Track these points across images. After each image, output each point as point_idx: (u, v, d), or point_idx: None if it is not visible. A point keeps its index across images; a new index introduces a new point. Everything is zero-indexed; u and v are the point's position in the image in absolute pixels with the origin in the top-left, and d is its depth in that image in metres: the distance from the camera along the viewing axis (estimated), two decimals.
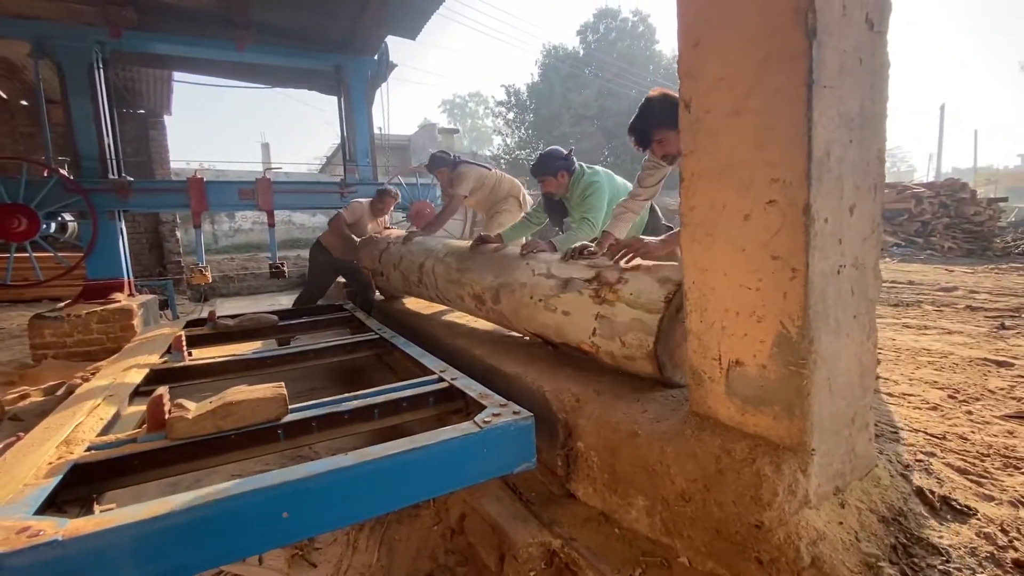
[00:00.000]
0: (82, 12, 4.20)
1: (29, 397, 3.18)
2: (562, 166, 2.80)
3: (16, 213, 3.77)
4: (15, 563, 0.96)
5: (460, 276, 2.67)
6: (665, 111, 1.90)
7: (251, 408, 1.48)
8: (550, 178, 2.82)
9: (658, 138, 1.98)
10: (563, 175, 2.81)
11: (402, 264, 3.44)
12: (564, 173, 2.81)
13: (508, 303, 2.24)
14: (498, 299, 2.31)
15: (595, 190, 2.74)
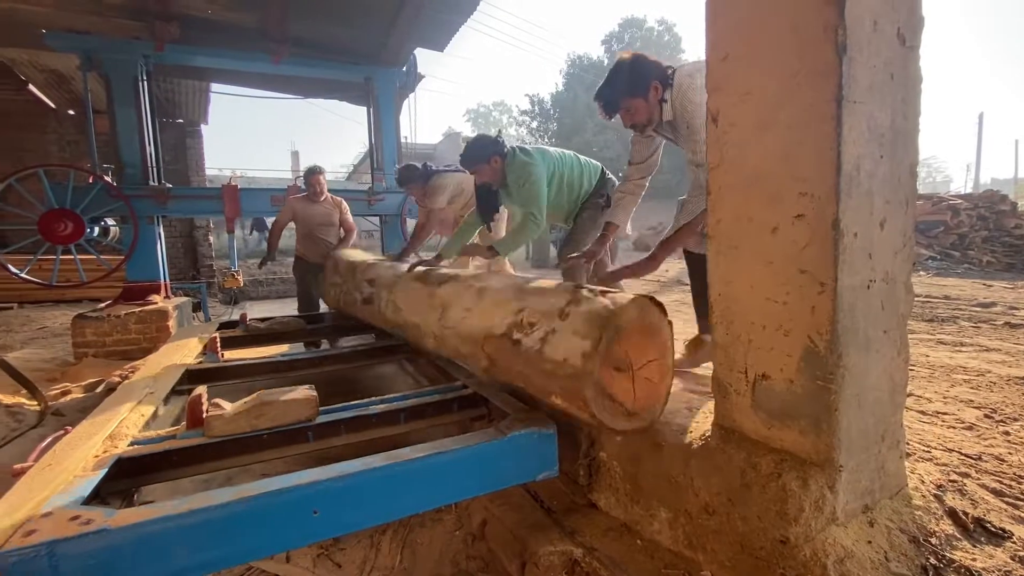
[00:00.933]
0: (129, 27, 4.42)
1: (70, 393, 3.33)
2: (493, 151, 2.58)
3: (63, 217, 3.97)
4: (67, 549, 1.02)
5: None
6: (634, 78, 1.87)
7: (283, 409, 1.53)
8: (483, 166, 2.61)
9: (624, 107, 1.92)
10: (496, 160, 2.59)
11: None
12: (496, 158, 2.58)
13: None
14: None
15: (528, 176, 2.52)
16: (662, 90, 1.88)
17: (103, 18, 4.33)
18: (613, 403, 1.36)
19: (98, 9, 4.21)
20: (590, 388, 1.31)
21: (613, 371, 1.35)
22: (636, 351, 1.39)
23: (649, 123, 1.97)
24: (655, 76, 1.87)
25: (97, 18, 4.31)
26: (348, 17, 4.58)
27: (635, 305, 1.38)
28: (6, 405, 2.97)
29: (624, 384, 1.38)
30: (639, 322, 1.39)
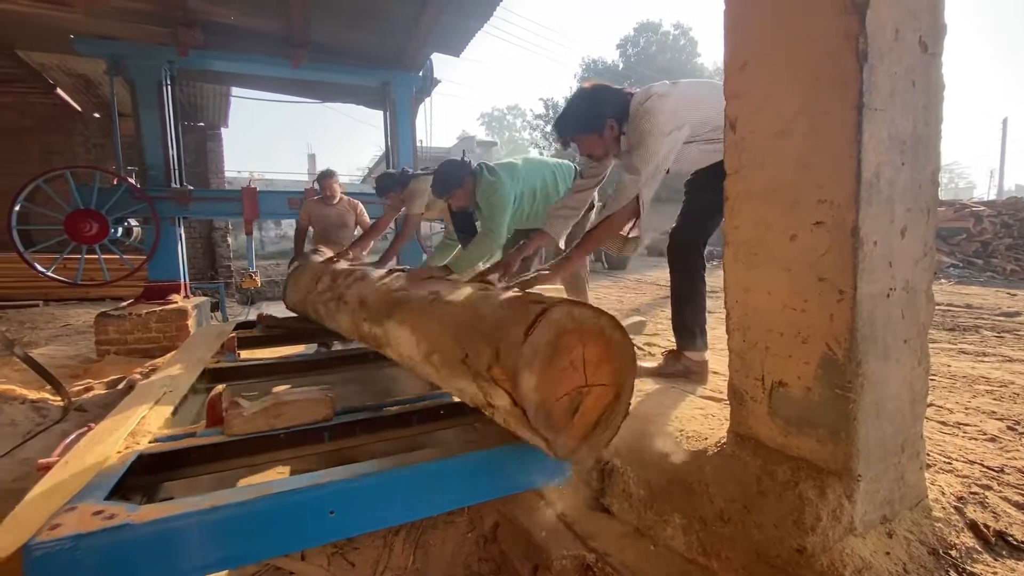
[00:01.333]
0: (155, 33, 4.54)
1: (93, 390, 3.41)
2: (464, 173, 2.62)
3: (89, 218, 4.07)
4: (91, 543, 1.04)
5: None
6: (590, 115, 1.84)
7: (301, 409, 1.55)
8: (458, 191, 2.63)
9: (577, 141, 1.92)
10: (468, 182, 2.62)
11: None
12: (468, 179, 2.62)
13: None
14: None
15: (493, 194, 2.54)
16: (618, 127, 1.86)
17: (130, 24, 4.44)
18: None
19: (125, 16, 4.32)
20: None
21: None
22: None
23: (606, 156, 1.98)
24: (612, 113, 1.83)
25: (124, 24, 4.43)
26: (368, 23, 4.64)
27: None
28: (31, 400, 3.05)
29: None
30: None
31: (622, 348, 1.24)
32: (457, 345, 1.36)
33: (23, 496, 1.72)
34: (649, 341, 2.98)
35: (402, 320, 1.71)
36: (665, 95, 1.79)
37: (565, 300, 1.20)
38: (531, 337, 1.11)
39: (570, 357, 1.18)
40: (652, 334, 3.53)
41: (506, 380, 1.15)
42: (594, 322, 1.19)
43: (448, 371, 1.42)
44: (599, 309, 1.22)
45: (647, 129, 1.73)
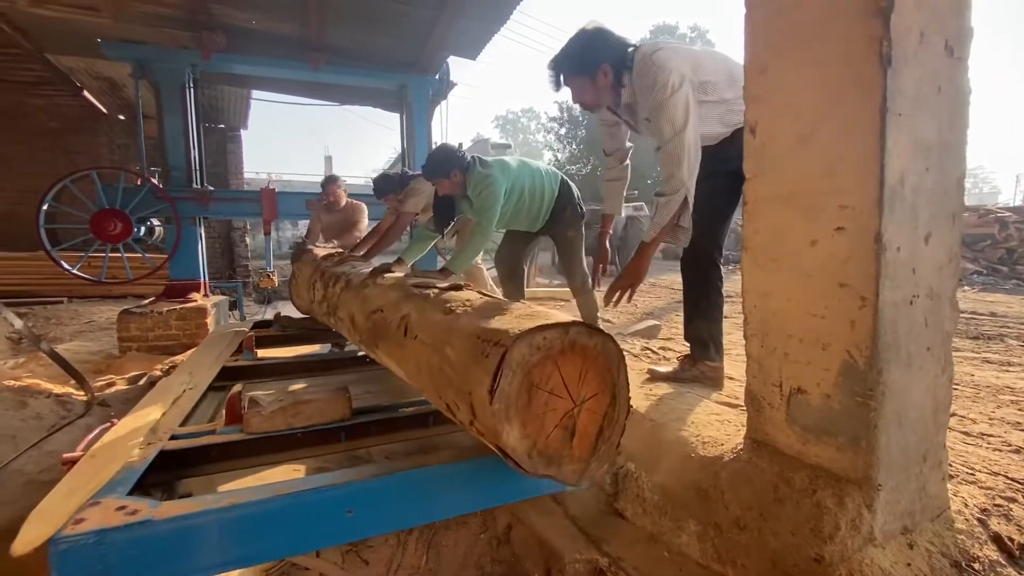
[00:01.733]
0: (179, 37, 4.63)
1: (115, 385, 3.49)
2: (455, 165, 2.64)
3: (113, 217, 4.17)
4: (114, 538, 1.06)
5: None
6: (583, 57, 1.77)
7: (319, 408, 1.57)
8: (443, 180, 2.67)
9: (569, 84, 1.83)
10: (456, 174, 2.64)
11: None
12: (457, 172, 2.64)
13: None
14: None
15: (486, 187, 2.57)
16: (613, 74, 1.77)
17: (155, 29, 4.54)
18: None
19: (151, 20, 4.42)
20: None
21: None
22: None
23: (598, 105, 1.89)
24: (608, 58, 1.75)
25: (150, 29, 4.53)
26: (385, 27, 4.69)
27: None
28: (56, 394, 3.13)
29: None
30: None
31: (602, 349, 1.13)
32: (437, 395, 1.29)
33: (50, 487, 1.77)
34: (664, 345, 2.96)
35: (387, 353, 1.65)
36: (676, 49, 1.72)
37: (526, 332, 1.05)
38: (498, 391, 1.01)
39: (548, 388, 1.08)
40: (666, 338, 3.50)
41: (489, 436, 1.09)
42: (561, 340, 1.08)
43: (441, 409, 1.36)
44: (564, 322, 1.10)
45: (673, 116, 1.63)
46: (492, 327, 1.11)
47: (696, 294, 1.94)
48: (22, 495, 1.95)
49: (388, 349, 1.62)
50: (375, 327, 1.73)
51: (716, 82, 1.74)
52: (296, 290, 3.16)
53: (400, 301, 1.62)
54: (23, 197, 7.35)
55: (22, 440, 2.45)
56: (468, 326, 1.20)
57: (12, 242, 7.09)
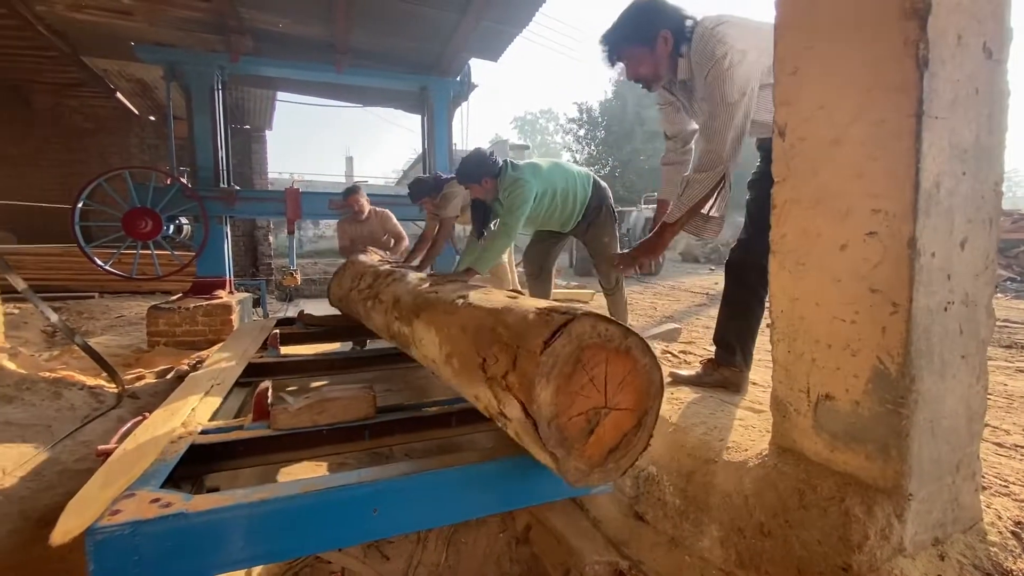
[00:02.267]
0: (209, 40, 4.75)
1: (144, 378, 3.59)
2: (484, 172, 2.64)
3: (144, 215, 4.29)
4: (148, 530, 1.08)
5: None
6: (640, 24, 1.65)
7: (344, 406, 1.60)
8: (475, 186, 2.69)
9: (626, 56, 1.70)
10: (487, 181, 2.66)
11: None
12: (488, 179, 2.66)
13: None
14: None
15: (517, 188, 2.57)
16: (673, 42, 1.64)
17: (186, 32, 4.67)
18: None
19: (182, 24, 4.55)
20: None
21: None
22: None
23: (657, 79, 1.75)
24: (668, 25, 1.64)
25: (181, 32, 4.66)
26: (408, 30, 4.75)
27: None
28: (89, 386, 3.24)
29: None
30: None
31: (648, 374, 1.17)
32: (476, 350, 1.33)
33: (83, 475, 1.83)
34: (684, 349, 2.93)
35: (428, 321, 1.70)
36: (743, 25, 1.58)
37: (593, 314, 1.13)
38: (551, 347, 1.06)
39: (591, 374, 1.11)
40: (687, 342, 3.47)
41: (521, 389, 1.11)
42: (621, 341, 1.12)
43: (466, 376, 1.39)
44: (628, 328, 1.15)
45: (725, 89, 1.52)
46: (559, 306, 1.19)
47: (736, 300, 1.86)
48: (58, 483, 2.02)
49: (432, 316, 1.67)
50: (422, 302, 1.80)
51: None
52: (339, 280, 3.24)
53: (460, 288, 1.72)
54: (58, 195, 7.61)
55: (57, 430, 2.55)
56: (532, 303, 1.29)
57: (47, 238, 7.35)
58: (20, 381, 3.14)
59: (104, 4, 4.23)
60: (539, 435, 1.07)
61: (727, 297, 1.91)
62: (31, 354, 3.84)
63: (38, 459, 2.21)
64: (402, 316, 1.99)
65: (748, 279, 1.79)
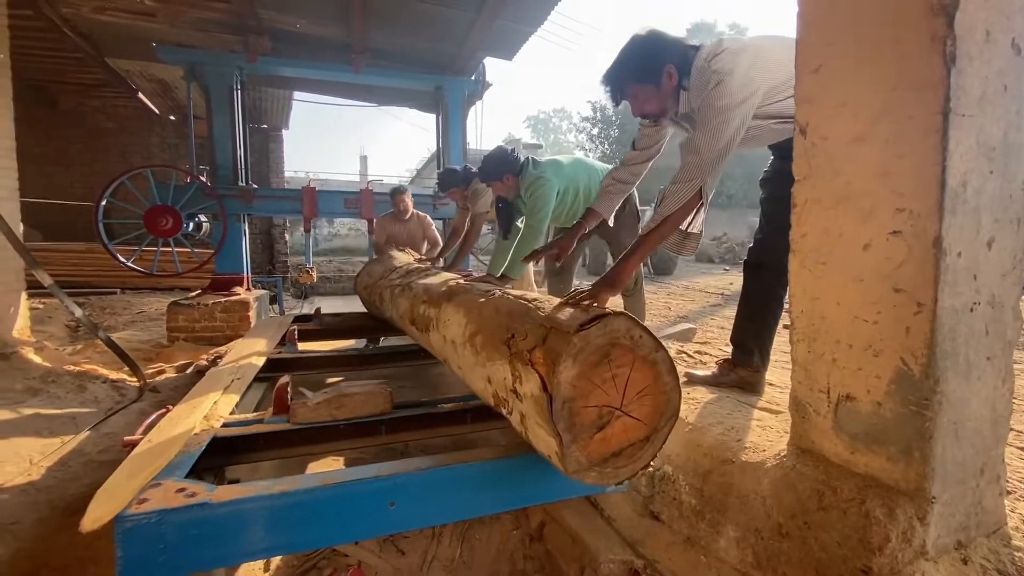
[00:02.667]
0: (228, 41, 4.83)
1: (164, 373, 3.66)
2: (506, 170, 2.64)
3: (165, 213, 4.37)
4: (174, 518, 1.11)
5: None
6: (645, 62, 1.62)
7: (361, 401, 1.62)
8: (496, 183, 2.69)
9: (631, 94, 1.68)
10: (508, 178, 2.65)
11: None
12: (509, 176, 2.64)
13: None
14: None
15: (539, 186, 2.55)
16: (678, 76, 1.62)
17: (206, 33, 4.74)
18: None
19: (202, 25, 4.62)
20: None
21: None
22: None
23: (663, 114, 1.74)
24: (671, 59, 1.61)
25: (201, 33, 4.73)
26: (425, 29, 4.77)
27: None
28: (111, 380, 3.31)
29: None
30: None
31: (668, 394, 1.18)
32: (505, 328, 1.33)
33: (108, 466, 1.87)
34: (700, 349, 2.91)
35: (459, 303, 1.72)
36: (739, 51, 1.54)
37: (632, 317, 1.14)
38: (586, 331, 1.08)
39: (615, 372, 1.12)
40: (702, 342, 3.45)
41: (544, 364, 1.12)
42: (650, 352, 1.14)
43: (486, 353, 1.39)
44: (661, 343, 1.16)
45: (716, 98, 1.49)
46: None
47: (754, 300, 1.84)
48: (83, 473, 2.07)
49: (463, 300, 1.70)
50: (456, 288, 1.84)
51: (786, 81, 1.54)
52: (370, 270, 3.31)
53: (494, 287, 1.78)
54: (81, 193, 7.78)
55: (81, 421, 2.61)
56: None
57: (71, 235, 7.52)
58: (46, 374, 3.23)
59: (127, 6, 4.32)
60: (551, 412, 1.08)
61: (745, 298, 1.89)
62: (56, 348, 3.94)
63: (64, 450, 2.27)
64: (431, 300, 2.02)
65: (765, 279, 1.77)
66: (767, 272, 1.75)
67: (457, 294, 1.82)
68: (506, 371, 1.27)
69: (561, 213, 2.80)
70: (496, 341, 1.35)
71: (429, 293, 2.07)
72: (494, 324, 1.42)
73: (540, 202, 2.56)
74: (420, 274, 2.52)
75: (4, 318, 3.59)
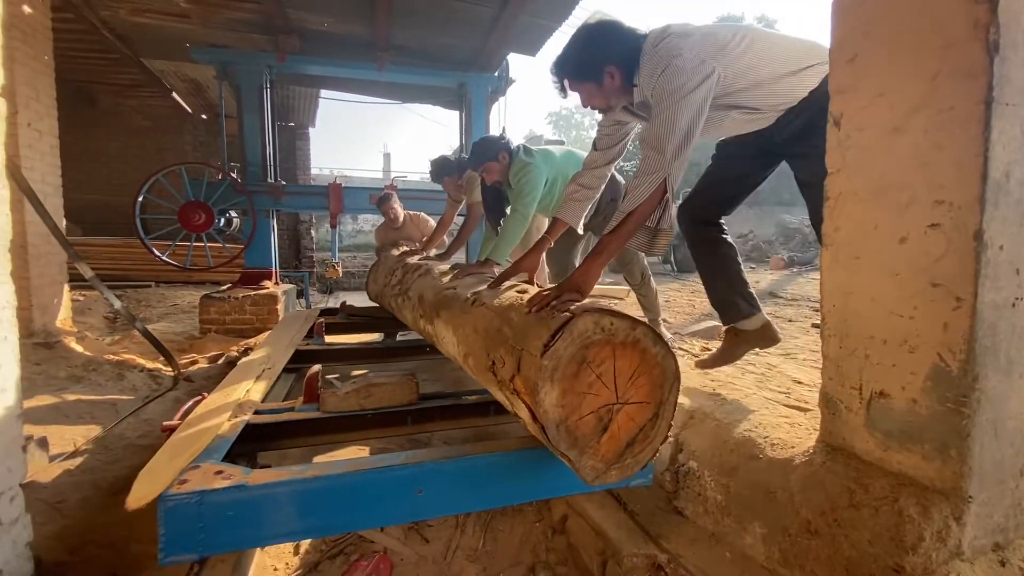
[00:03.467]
0: (258, 41, 4.94)
1: (197, 363, 3.78)
2: (502, 147, 2.61)
3: (198, 209, 4.50)
4: (212, 499, 1.16)
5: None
6: (584, 60, 1.56)
7: (389, 392, 1.65)
8: (492, 164, 2.61)
9: (573, 89, 1.62)
10: (503, 155, 2.60)
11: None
12: (504, 153, 2.60)
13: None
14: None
15: (526, 172, 2.52)
16: (621, 75, 1.55)
17: (237, 33, 4.86)
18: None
19: (234, 25, 4.74)
20: None
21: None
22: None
23: (609, 109, 1.69)
24: (615, 57, 1.53)
25: (233, 33, 4.85)
26: (449, 25, 4.80)
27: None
28: (148, 369, 3.44)
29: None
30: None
31: (661, 362, 1.12)
32: (487, 351, 1.30)
33: (146, 450, 1.94)
34: None
35: (447, 320, 1.70)
36: (686, 35, 1.49)
37: (597, 309, 1.09)
38: (552, 349, 1.02)
39: (598, 371, 1.08)
40: None
41: (527, 393, 1.08)
42: (628, 333, 1.08)
43: (481, 377, 1.38)
44: (634, 319, 1.11)
45: (666, 82, 1.41)
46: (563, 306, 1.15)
47: (706, 258, 1.88)
48: (124, 456, 2.16)
49: (449, 316, 1.68)
50: (442, 300, 1.82)
51: (760, 67, 1.51)
52: (375, 276, 3.34)
53: (475, 284, 1.74)
54: (118, 189, 8.06)
55: (122, 408, 2.72)
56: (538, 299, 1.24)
57: (107, 230, 7.80)
58: (87, 363, 3.37)
59: (163, 7, 4.45)
60: (548, 439, 1.05)
61: (699, 261, 1.91)
62: (96, 338, 4.10)
63: (105, 434, 2.37)
64: (426, 314, 2.02)
65: (703, 233, 1.85)
66: (698, 227, 1.85)
67: (444, 307, 1.77)
68: (501, 396, 1.25)
69: (549, 204, 2.77)
70: (483, 367, 1.32)
71: (423, 305, 2.04)
72: (477, 347, 1.39)
73: (528, 187, 2.54)
74: (412, 277, 2.49)
75: (49, 309, 3.75)
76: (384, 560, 1.69)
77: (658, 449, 1.22)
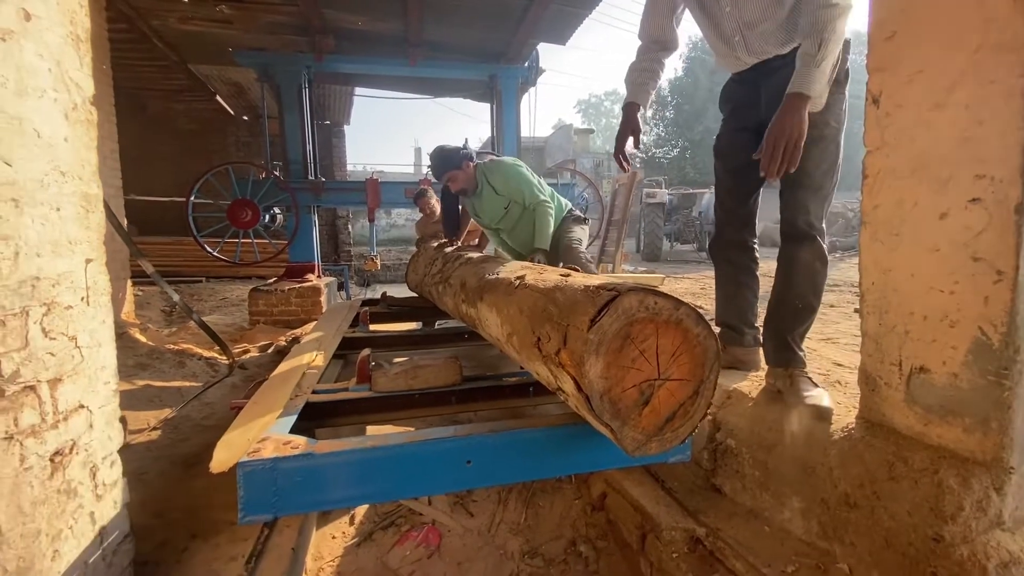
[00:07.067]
0: (296, 42, 5.11)
1: (249, 352, 4.00)
2: (464, 156, 2.63)
3: (245, 206, 4.72)
4: (283, 465, 1.27)
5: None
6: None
7: (435, 372, 1.75)
8: (457, 172, 2.64)
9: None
10: (468, 164, 2.63)
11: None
12: (468, 162, 2.63)
13: None
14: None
15: (517, 174, 2.57)
16: None
17: (276, 36, 5.04)
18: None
19: (273, 28, 4.92)
20: None
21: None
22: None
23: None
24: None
25: (272, 36, 5.04)
26: (479, 18, 4.85)
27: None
28: (205, 357, 3.67)
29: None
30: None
31: (703, 342, 1.15)
32: (532, 328, 1.36)
33: (211, 430, 2.10)
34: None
35: (491, 303, 1.77)
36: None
37: (640, 288, 1.13)
38: (598, 324, 1.07)
39: (641, 347, 1.12)
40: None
41: (572, 365, 1.13)
42: (671, 313, 1.12)
43: (525, 354, 1.44)
44: (678, 299, 1.14)
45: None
46: (608, 283, 1.20)
47: (728, 281, 1.91)
48: (192, 435, 2.35)
49: (493, 298, 1.75)
50: (486, 284, 1.88)
51: None
52: (414, 266, 3.45)
53: (521, 268, 1.79)
54: (169, 190, 8.46)
55: (185, 392, 2.93)
56: (583, 281, 1.30)
57: (160, 229, 8.23)
58: (150, 352, 3.62)
59: (208, 15, 4.67)
60: (592, 408, 1.10)
61: (719, 280, 1.95)
62: (156, 330, 4.38)
63: (174, 416, 2.56)
64: (468, 299, 2.09)
65: (731, 257, 1.86)
66: (730, 250, 1.85)
67: (487, 290, 1.84)
68: (545, 371, 1.31)
69: (511, 225, 2.77)
70: (528, 344, 1.38)
71: (466, 291, 2.12)
72: (521, 326, 1.46)
73: (521, 179, 2.58)
74: (453, 266, 2.58)
75: (115, 302, 4.03)
76: (433, 531, 1.80)
77: (697, 425, 1.25)
